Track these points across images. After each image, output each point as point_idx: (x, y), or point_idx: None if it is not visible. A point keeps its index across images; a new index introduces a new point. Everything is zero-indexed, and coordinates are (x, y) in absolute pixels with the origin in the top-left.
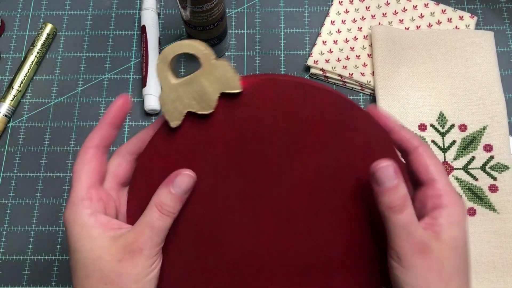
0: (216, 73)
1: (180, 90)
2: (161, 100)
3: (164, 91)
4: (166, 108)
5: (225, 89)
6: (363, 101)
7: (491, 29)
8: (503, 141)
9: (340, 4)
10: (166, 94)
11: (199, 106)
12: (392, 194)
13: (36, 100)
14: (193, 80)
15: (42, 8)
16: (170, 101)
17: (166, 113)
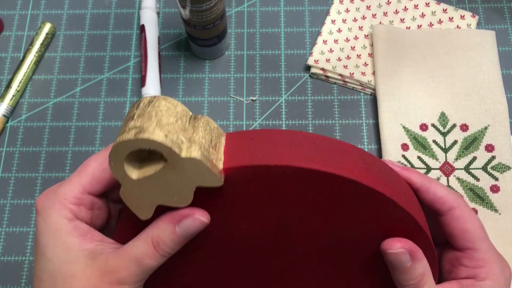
0: (187, 168)
1: (146, 185)
2: (124, 196)
3: (125, 188)
4: (131, 203)
5: (201, 183)
6: (364, 101)
7: (493, 28)
8: (504, 141)
9: (341, 3)
10: (129, 192)
11: (172, 200)
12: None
13: (35, 100)
14: (159, 176)
15: (40, 8)
16: (135, 198)
17: (132, 208)
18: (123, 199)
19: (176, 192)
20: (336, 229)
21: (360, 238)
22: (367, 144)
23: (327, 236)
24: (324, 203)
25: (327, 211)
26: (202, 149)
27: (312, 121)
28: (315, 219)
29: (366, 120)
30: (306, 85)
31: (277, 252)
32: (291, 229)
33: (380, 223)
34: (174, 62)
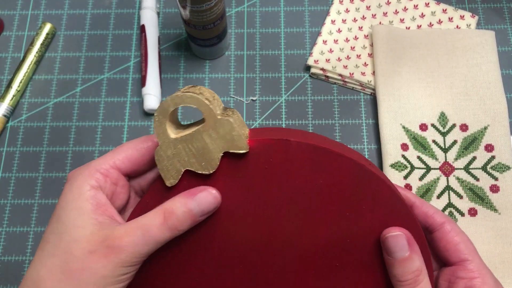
0: (220, 130)
1: (180, 146)
2: (157, 155)
3: (161, 146)
4: (162, 165)
5: (230, 148)
6: (364, 101)
7: (492, 28)
8: (504, 141)
9: (341, 3)
10: (163, 150)
11: (200, 165)
12: (402, 267)
13: (35, 100)
14: (195, 136)
15: (41, 8)
16: (167, 158)
17: (161, 171)
18: (156, 159)
19: (205, 156)
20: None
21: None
22: (367, 144)
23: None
24: (332, 185)
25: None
26: (233, 120)
27: (312, 121)
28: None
29: (366, 120)
30: (306, 85)
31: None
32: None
33: (380, 215)
34: (174, 62)
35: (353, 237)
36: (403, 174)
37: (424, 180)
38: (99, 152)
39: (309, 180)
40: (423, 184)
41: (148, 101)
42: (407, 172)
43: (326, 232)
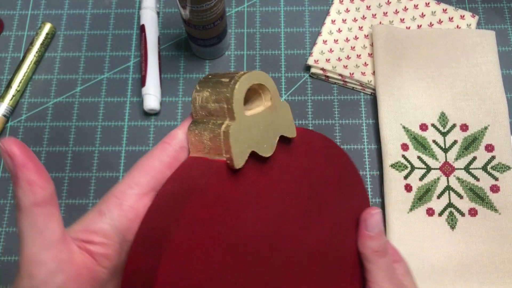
0: (281, 112)
1: (251, 124)
2: (233, 133)
3: (238, 122)
4: (236, 144)
5: (284, 132)
6: (364, 101)
7: (493, 28)
8: (504, 141)
9: (341, 3)
10: (239, 128)
11: (261, 147)
12: (378, 239)
13: (35, 100)
14: (263, 115)
15: (41, 7)
16: (240, 137)
17: (234, 150)
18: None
19: (267, 137)
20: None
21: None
22: (367, 144)
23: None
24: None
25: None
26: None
27: (312, 121)
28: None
29: (366, 120)
30: (306, 85)
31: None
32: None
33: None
34: (174, 62)
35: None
36: (403, 174)
37: (424, 180)
38: (99, 152)
39: (321, 171)
40: (423, 184)
41: (148, 101)
42: (407, 172)
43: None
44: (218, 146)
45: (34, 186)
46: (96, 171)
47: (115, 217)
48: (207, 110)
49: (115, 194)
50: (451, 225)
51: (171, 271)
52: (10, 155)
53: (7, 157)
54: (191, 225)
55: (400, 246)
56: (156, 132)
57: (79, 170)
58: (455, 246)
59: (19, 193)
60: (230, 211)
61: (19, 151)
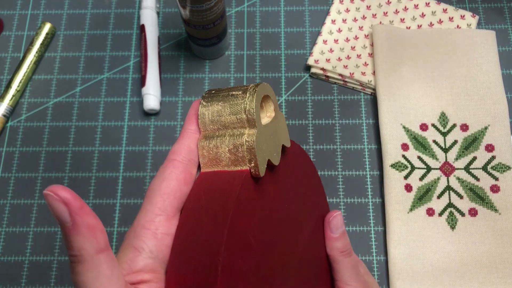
0: (281, 123)
1: (265, 134)
2: (258, 142)
3: (260, 132)
4: (260, 153)
5: (284, 141)
6: (364, 101)
7: (493, 28)
8: (504, 141)
9: (341, 3)
10: (261, 137)
11: (272, 155)
12: (343, 239)
13: (35, 100)
14: (272, 124)
15: (40, 7)
16: (262, 146)
17: (259, 159)
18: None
19: (275, 146)
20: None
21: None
22: (367, 144)
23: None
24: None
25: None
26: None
27: (312, 121)
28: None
29: (366, 120)
30: (306, 85)
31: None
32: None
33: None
34: (174, 62)
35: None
36: (404, 174)
37: (425, 180)
38: (98, 152)
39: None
40: (424, 184)
41: (148, 101)
42: (408, 172)
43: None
44: (241, 156)
45: (96, 231)
46: (96, 171)
47: (153, 249)
48: (220, 124)
49: (144, 225)
50: (451, 225)
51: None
52: (66, 202)
53: (62, 205)
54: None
55: (400, 246)
56: (156, 132)
57: (79, 170)
58: (455, 246)
59: (79, 242)
60: (260, 219)
61: (71, 197)
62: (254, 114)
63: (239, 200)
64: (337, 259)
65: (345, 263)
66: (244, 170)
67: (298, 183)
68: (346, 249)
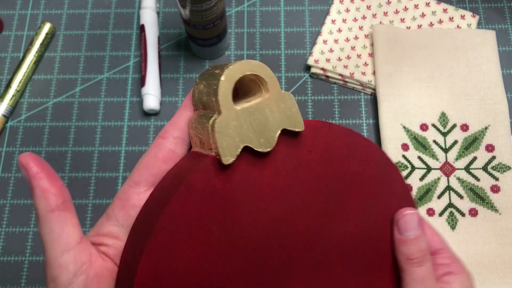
0: (282, 104)
1: (242, 118)
2: (219, 127)
3: (225, 116)
4: (223, 138)
5: (289, 125)
6: (364, 101)
7: (493, 28)
8: (505, 141)
9: (341, 3)
10: (227, 121)
11: (258, 142)
12: (412, 245)
13: (35, 100)
14: (258, 108)
15: (40, 7)
16: (229, 131)
17: (220, 145)
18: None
19: (265, 131)
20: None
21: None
22: None
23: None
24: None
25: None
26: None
27: None
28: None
29: (366, 120)
30: (306, 85)
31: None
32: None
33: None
34: (174, 62)
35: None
36: (404, 174)
37: (425, 180)
38: (98, 152)
39: (345, 166)
40: (424, 184)
41: (148, 101)
42: (408, 172)
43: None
44: (207, 140)
45: (48, 194)
46: (96, 171)
47: (120, 218)
48: (202, 104)
49: (118, 196)
50: (451, 225)
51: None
52: (25, 166)
53: (23, 169)
54: (175, 222)
55: None
56: (156, 132)
57: (79, 170)
58: (456, 246)
59: (35, 201)
60: (224, 208)
61: (33, 163)
62: (218, 97)
63: (189, 186)
64: (403, 267)
65: (412, 274)
66: (211, 155)
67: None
68: (416, 256)
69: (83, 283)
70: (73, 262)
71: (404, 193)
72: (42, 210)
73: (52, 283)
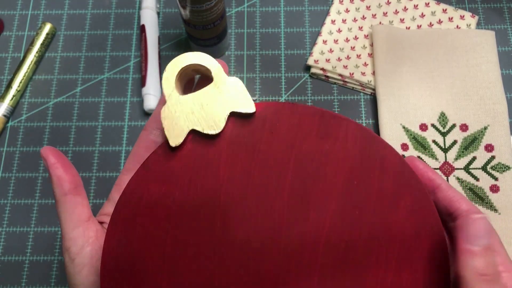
0: (229, 89)
1: (188, 104)
2: (164, 113)
3: (169, 104)
4: (168, 123)
5: (237, 107)
6: (364, 101)
7: (492, 28)
8: (504, 141)
9: (341, 3)
10: (170, 109)
11: (206, 124)
12: (485, 256)
13: (35, 100)
14: (203, 94)
15: (41, 8)
16: (174, 117)
17: (167, 129)
18: (162, 117)
19: (212, 115)
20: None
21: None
22: None
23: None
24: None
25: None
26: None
27: None
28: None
29: (366, 120)
30: (306, 85)
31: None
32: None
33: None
34: None
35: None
36: None
37: None
38: (99, 152)
39: (316, 146)
40: None
41: (148, 101)
42: None
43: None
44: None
45: (62, 180)
46: (96, 171)
47: (116, 200)
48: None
49: (116, 182)
50: None
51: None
52: (45, 158)
53: (44, 160)
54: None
55: None
56: None
57: (79, 170)
58: None
59: (53, 186)
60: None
61: (51, 155)
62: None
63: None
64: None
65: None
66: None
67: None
68: (490, 272)
69: (89, 253)
70: (82, 236)
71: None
72: (58, 194)
73: (66, 252)
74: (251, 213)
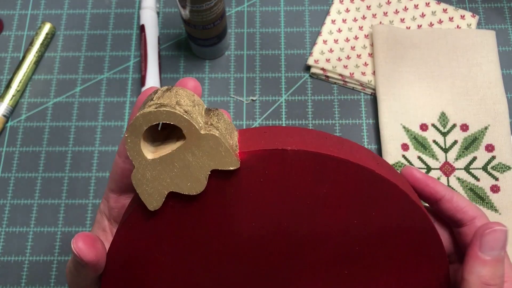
0: (205, 146)
1: (159, 167)
2: (135, 179)
3: (138, 169)
4: (142, 189)
5: (218, 166)
6: (364, 101)
7: (493, 28)
8: (505, 141)
9: (341, 3)
10: (141, 173)
11: (185, 186)
12: (497, 266)
13: (35, 100)
14: (175, 156)
15: (40, 7)
16: (146, 181)
17: (142, 195)
18: (134, 183)
19: (191, 176)
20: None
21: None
22: (367, 144)
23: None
24: (338, 195)
25: (340, 205)
26: (219, 131)
27: (312, 121)
28: (327, 214)
29: (366, 120)
30: (306, 85)
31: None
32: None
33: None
34: (174, 62)
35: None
36: None
37: None
38: (98, 152)
39: (312, 191)
40: None
41: None
42: None
43: (332, 243)
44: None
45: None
46: (96, 171)
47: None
48: None
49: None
50: None
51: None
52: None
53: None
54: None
55: None
56: None
57: (79, 170)
58: None
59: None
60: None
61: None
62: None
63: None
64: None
65: None
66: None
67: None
68: (495, 282)
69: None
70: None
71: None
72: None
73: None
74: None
